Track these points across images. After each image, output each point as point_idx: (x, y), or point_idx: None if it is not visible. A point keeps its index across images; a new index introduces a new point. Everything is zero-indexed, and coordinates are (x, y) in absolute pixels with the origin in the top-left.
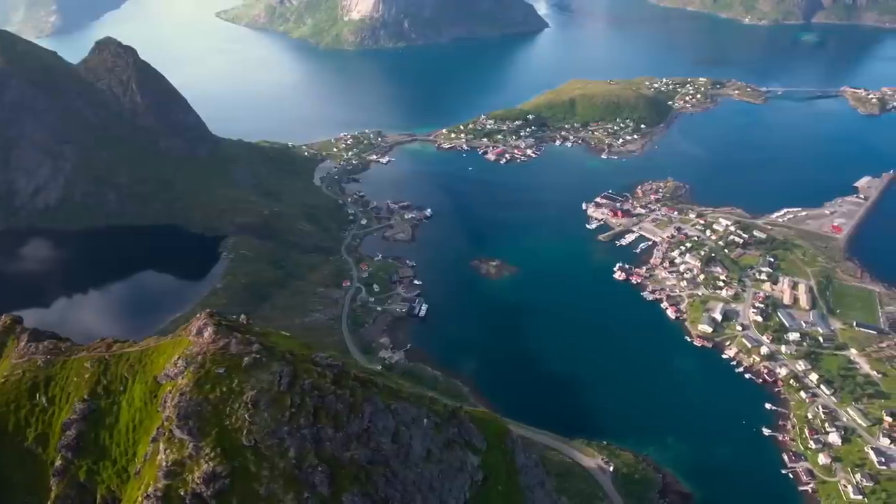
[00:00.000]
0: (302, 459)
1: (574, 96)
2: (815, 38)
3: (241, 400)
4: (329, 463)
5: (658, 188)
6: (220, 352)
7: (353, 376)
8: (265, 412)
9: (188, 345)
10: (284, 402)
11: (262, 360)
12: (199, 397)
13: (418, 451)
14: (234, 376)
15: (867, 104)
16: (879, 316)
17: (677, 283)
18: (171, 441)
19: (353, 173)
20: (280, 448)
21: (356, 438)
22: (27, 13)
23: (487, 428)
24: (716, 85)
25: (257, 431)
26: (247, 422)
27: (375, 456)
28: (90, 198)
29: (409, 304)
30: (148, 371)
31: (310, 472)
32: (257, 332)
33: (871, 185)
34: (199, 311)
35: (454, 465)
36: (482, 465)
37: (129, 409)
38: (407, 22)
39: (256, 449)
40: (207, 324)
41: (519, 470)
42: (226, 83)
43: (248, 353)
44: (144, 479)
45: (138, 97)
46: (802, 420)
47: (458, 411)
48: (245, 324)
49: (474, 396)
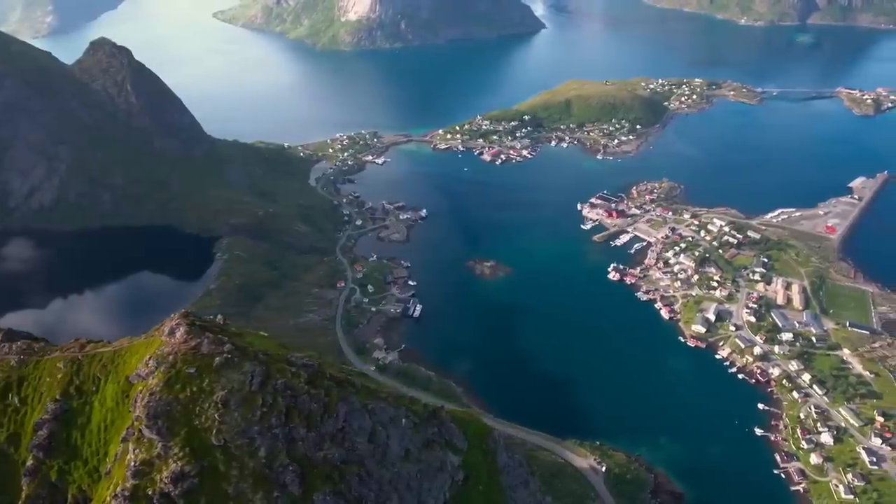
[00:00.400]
0: (273, 459)
1: (570, 97)
2: (810, 39)
3: (212, 400)
4: (301, 462)
5: (653, 189)
6: (192, 352)
7: (328, 376)
8: (235, 412)
9: (160, 345)
10: (256, 402)
11: (233, 360)
12: (169, 397)
13: (396, 451)
14: (205, 376)
15: (862, 105)
16: (872, 316)
17: (671, 283)
18: (141, 441)
19: (348, 174)
20: (250, 447)
21: (330, 438)
22: (24, 13)
23: (469, 428)
24: (711, 86)
25: (227, 431)
26: (216, 421)
27: (350, 455)
28: (84, 198)
29: (404, 304)
30: (120, 371)
31: (280, 471)
32: (233, 333)
33: (865, 186)
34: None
35: (433, 464)
36: (463, 465)
37: (101, 409)
38: (404, 23)
39: (226, 448)
40: (180, 324)
41: (500, 469)
42: (222, 84)
43: (220, 354)
44: (114, 478)
45: (133, 98)
46: (795, 420)
47: (439, 411)
48: (221, 324)
49: (468, 397)
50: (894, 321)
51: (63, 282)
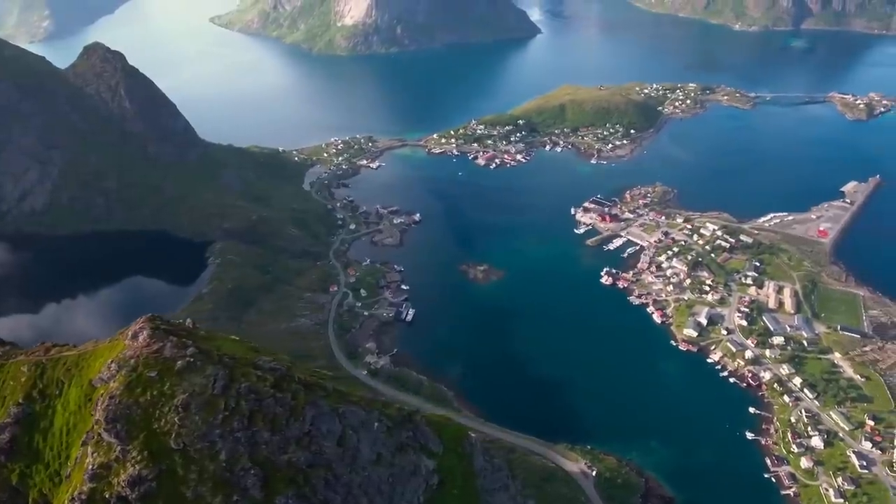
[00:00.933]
0: (234, 462)
1: (564, 102)
2: (804, 44)
3: (172, 403)
4: (263, 466)
5: (646, 193)
6: (154, 355)
7: (297, 380)
8: (196, 415)
9: (123, 348)
10: (217, 406)
11: (196, 364)
12: (129, 400)
13: (366, 455)
14: (166, 379)
15: (855, 109)
16: (863, 320)
17: (664, 287)
18: (99, 444)
19: (343, 178)
20: (210, 451)
21: (296, 441)
22: (20, 18)
23: (445, 431)
24: (705, 90)
25: (187, 434)
26: (176, 425)
27: (316, 459)
28: (77, 203)
29: (396, 308)
30: (84, 375)
31: (242, 475)
32: (201, 337)
33: (857, 190)
34: (184, 316)
35: (407, 468)
36: (438, 469)
37: (64, 413)
38: (400, 28)
39: (185, 452)
40: (143, 328)
41: (477, 473)
42: (218, 88)
43: (182, 357)
44: (73, 482)
45: (126, 102)
46: (785, 424)
47: (414, 415)
48: (190, 328)
49: (459, 401)
50: (885, 325)
51: (56, 286)
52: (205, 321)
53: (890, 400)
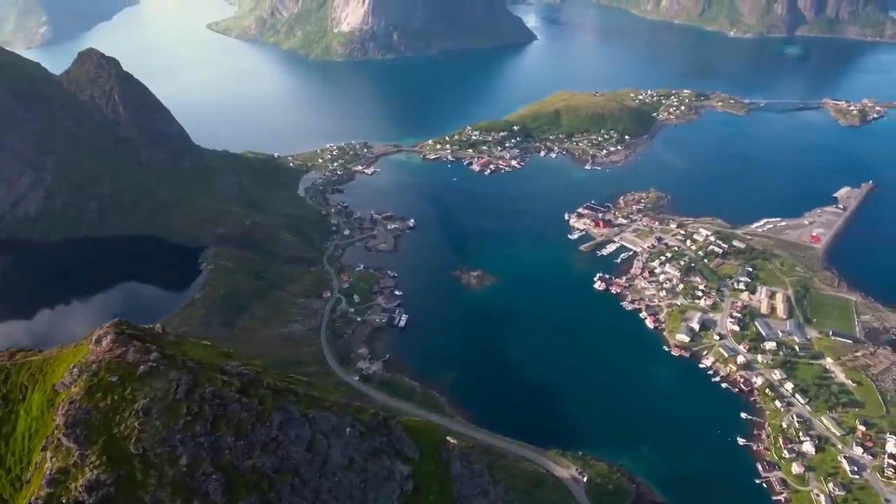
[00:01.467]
0: (195, 467)
1: (559, 108)
2: (798, 51)
3: (133, 408)
4: (226, 471)
5: (640, 199)
6: (116, 360)
7: (266, 385)
8: (157, 420)
9: (87, 353)
10: (179, 410)
11: (159, 369)
12: (89, 405)
13: (337, 460)
14: (128, 384)
15: (848, 116)
16: (855, 325)
17: (657, 292)
18: (58, 449)
19: (337, 184)
20: (171, 456)
21: (261, 446)
22: (17, 24)
23: (421, 437)
24: (700, 97)
25: (147, 439)
26: (136, 430)
27: (283, 464)
28: (71, 208)
29: (389, 314)
30: (48, 380)
31: (203, 479)
32: (170, 342)
33: (850, 196)
34: (175, 321)
35: (380, 474)
36: (413, 475)
37: (27, 418)
38: (396, 34)
39: (145, 457)
40: (108, 333)
41: (453, 479)
42: (214, 94)
43: (145, 362)
44: (32, 487)
45: (120, 108)
46: (777, 429)
47: (389, 420)
48: (160, 333)
49: (451, 407)
50: (877, 330)
51: (50, 292)
52: (197, 327)
53: (881, 405)
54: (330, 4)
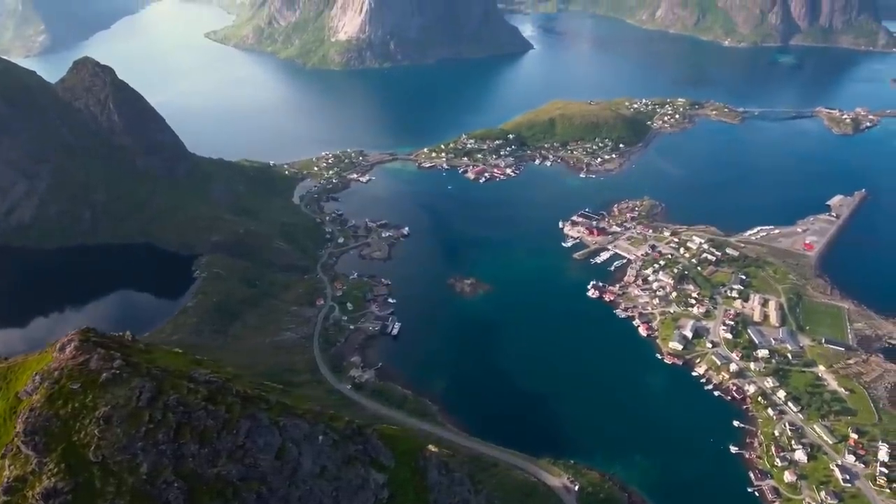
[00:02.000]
0: (156, 475)
1: (554, 116)
2: (792, 60)
3: (93, 415)
4: (189, 479)
5: (634, 207)
6: (79, 368)
7: (235, 392)
8: (118, 427)
9: (50, 361)
10: (141, 418)
11: (122, 376)
12: (49, 413)
13: (308, 468)
14: (90, 392)
15: (841, 124)
16: (848, 332)
17: (650, 300)
18: (17, 457)
19: (332, 192)
20: (131, 464)
21: (227, 454)
22: (16, 32)
23: (398, 445)
24: (694, 105)
25: (106, 447)
26: (96, 437)
27: (250, 472)
28: (65, 216)
29: (382, 322)
30: (11, 387)
31: (164, 487)
32: (138, 349)
33: (843, 204)
34: (168, 329)
35: (354, 482)
36: (389, 483)
37: None
38: (393, 43)
39: (104, 464)
40: (72, 340)
41: (430, 487)
42: (211, 102)
43: (108, 369)
44: None
45: (115, 116)
46: (769, 437)
47: (365, 428)
48: (129, 341)
49: (443, 415)
50: (870, 337)
51: (44, 300)
52: (188, 335)
53: (874, 413)
54: (327, 14)
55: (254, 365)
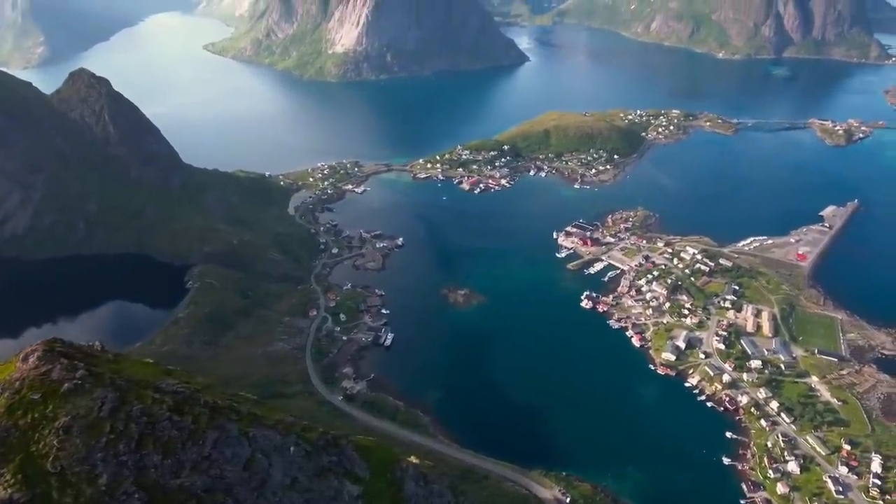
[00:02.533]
0: (116, 486)
1: (549, 127)
2: (785, 72)
3: (53, 426)
4: (150, 490)
5: (628, 217)
6: (40, 378)
7: (203, 403)
8: (77, 438)
9: (12, 371)
10: (102, 429)
11: (84, 386)
12: (8, 423)
13: (278, 480)
14: (50, 402)
15: (834, 135)
16: (841, 343)
17: (643, 311)
18: None
19: (327, 203)
20: (90, 475)
21: (192, 466)
22: (15, 44)
23: (374, 456)
24: (688, 117)
25: (65, 457)
26: (55, 447)
27: (216, 483)
28: (58, 226)
29: (375, 333)
30: None
31: (124, 499)
32: (106, 360)
33: (836, 214)
34: (159, 340)
35: (326, 493)
36: (364, 495)
37: None
38: (390, 55)
39: (62, 475)
40: (35, 350)
41: (407, 500)
42: (209, 114)
43: (70, 380)
44: None
45: (110, 127)
46: (762, 449)
47: (339, 439)
48: (98, 351)
49: (435, 427)
50: (863, 348)
51: (36, 310)
52: (179, 345)
53: (866, 424)
54: (325, 26)
55: (245, 376)
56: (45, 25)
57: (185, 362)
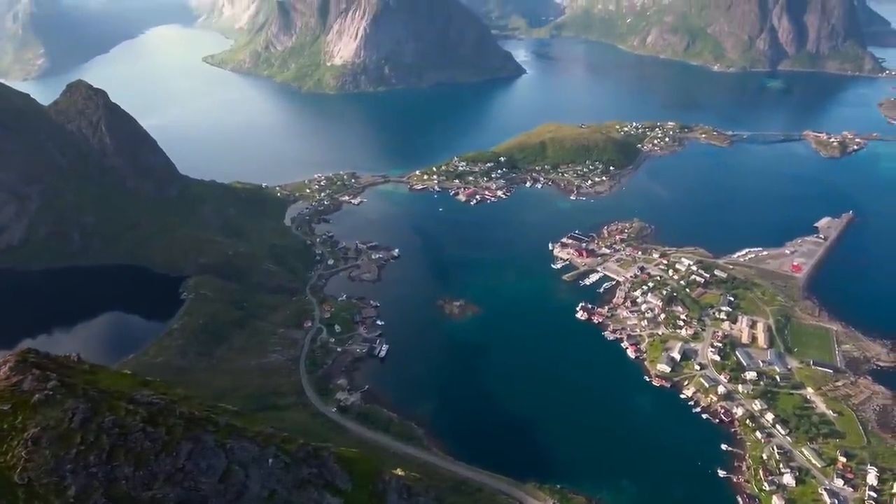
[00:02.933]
0: (85, 498)
1: (545, 139)
2: (780, 85)
3: (22, 437)
4: (121, 502)
5: (624, 229)
6: (11, 389)
7: (179, 414)
8: (46, 449)
9: None
10: (73, 440)
11: (55, 398)
12: None
13: (256, 491)
14: (20, 413)
15: (828, 147)
16: (836, 354)
17: (638, 322)
18: None
19: (324, 214)
20: (58, 486)
21: (165, 477)
22: (15, 56)
23: (357, 468)
24: (684, 129)
25: (33, 469)
26: (23, 459)
27: (190, 495)
28: (54, 237)
29: (370, 344)
30: None
31: None
32: (81, 370)
33: (830, 226)
34: (153, 351)
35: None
36: None
37: None
38: (388, 67)
39: (30, 486)
40: (7, 361)
41: None
42: (207, 125)
43: (41, 390)
44: None
45: (107, 138)
46: (757, 461)
47: (320, 451)
48: (74, 361)
49: (429, 439)
50: (858, 359)
51: (32, 322)
52: (173, 357)
53: (862, 436)
54: (323, 39)
55: (238, 387)
56: (45, 38)
57: (179, 374)
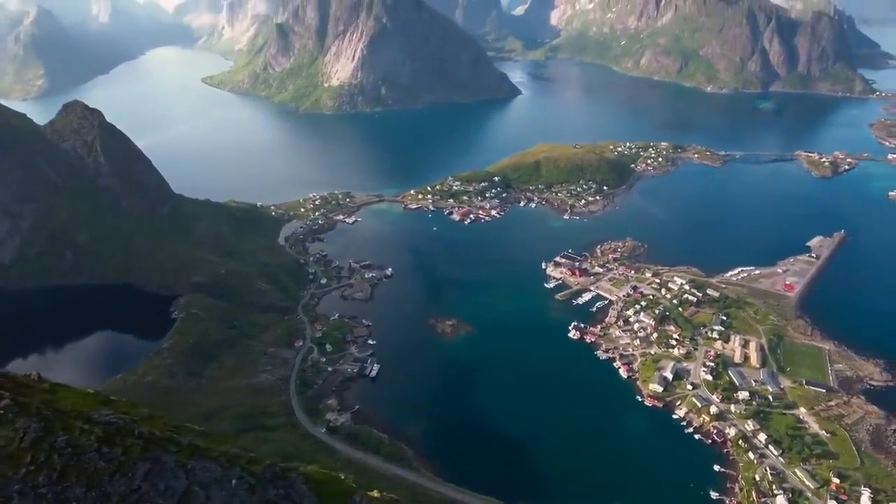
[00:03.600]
0: None
1: (539, 159)
2: (772, 106)
3: None
4: None
5: (617, 248)
6: None
7: (138, 434)
8: None
9: None
10: (22, 459)
11: (7, 416)
12: None
13: None
14: None
15: (820, 167)
16: (829, 374)
17: (631, 341)
18: None
19: (318, 233)
20: None
21: (119, 499)
22: (16, 76)
23: (325, 490)
24: (677, 149)
25: None
26: None
27: None
28: (46, 256)
29: (361, 364)
30: None
31: None
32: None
33: (822, 245)
34: (141, 371)
35: None
36: None
37: None
38: (384, 88)
39: None
40: None
41: None
42: (204, 145)
43: None
44: None
45: (102, 158)
46: (750, 482)
47: (288, 472)
48: (34, 380)
49: (418, 460)
50: (851, 379)
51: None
52: (162, 376)
53: (855, 456)
54: (321, 60)
55: (227, 407)
56: (46, 58)
57: (167, 393)
